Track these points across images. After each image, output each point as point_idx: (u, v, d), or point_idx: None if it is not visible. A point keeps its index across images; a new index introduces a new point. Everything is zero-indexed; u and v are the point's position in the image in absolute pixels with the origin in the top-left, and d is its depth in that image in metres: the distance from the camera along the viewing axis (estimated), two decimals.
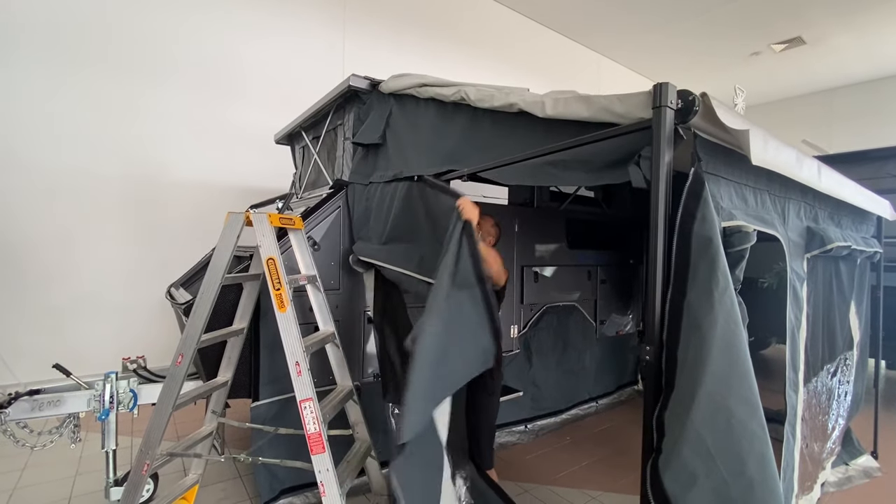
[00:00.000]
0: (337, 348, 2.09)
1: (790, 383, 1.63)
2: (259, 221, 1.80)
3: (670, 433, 0.97)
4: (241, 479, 2.45)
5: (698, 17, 6.28)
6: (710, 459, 0.93)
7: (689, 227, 1.03)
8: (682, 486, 0.93)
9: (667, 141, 1.04)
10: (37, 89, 3.28)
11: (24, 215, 3.25)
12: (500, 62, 6.15)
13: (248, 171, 4.21)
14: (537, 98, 1.44)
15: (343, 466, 1.85)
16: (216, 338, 1.93)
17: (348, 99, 2.47)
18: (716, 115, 1.04)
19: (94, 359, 3.09)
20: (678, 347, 1.00)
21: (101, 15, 3.51)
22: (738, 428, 0.94)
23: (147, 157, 3.73)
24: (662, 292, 1.06)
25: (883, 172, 4.12)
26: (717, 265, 0.99)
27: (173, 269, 3.06)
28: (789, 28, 6.52)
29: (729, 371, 0.95)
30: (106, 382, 1.97)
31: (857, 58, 7.38)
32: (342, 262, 2.37)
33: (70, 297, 3.41)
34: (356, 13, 4.88)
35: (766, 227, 1.41)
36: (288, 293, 1.73)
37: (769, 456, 0.96)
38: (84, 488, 2.34)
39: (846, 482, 2.48)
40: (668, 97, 1.02)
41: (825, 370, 2.20)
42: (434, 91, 1.92)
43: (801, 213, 1.78)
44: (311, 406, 1.65)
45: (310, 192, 3.01)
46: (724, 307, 0.97)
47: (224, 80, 4.09)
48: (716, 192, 1.21)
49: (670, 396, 1.00)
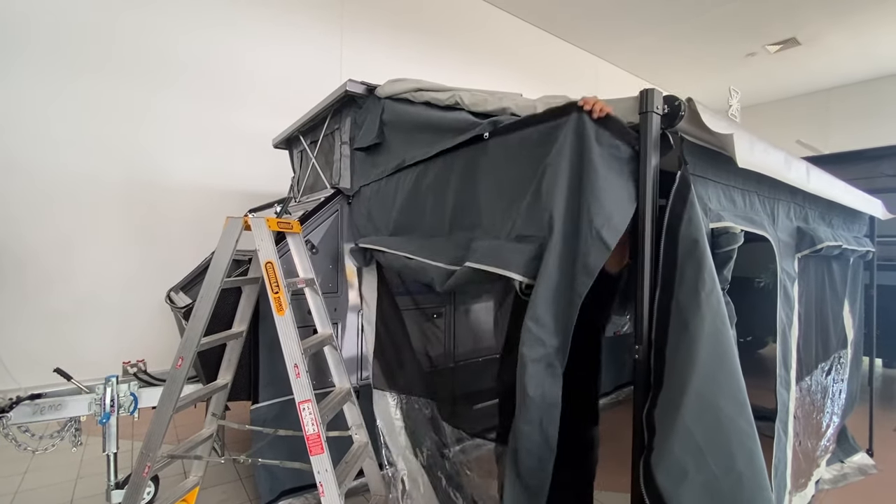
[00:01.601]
0: (335, 350, 2.11)
1: (781, 381, 1.66)
2: (257, 226, 1.82)
3: (661, 430, 0.99)
4: (242, 482, 2.47)
5: (693, 19, 6.32)
6: (699, 455, 0.95)
7: (676, 229, 1.06)
8: (673, 481, 0.96)
9: (653, 145, 1.06)
10: (37, 94, 3.31)
11: (24, 220, 3.28)
12: (497, 66, 6.18)
13: (247, 176, 4.24)
14: (529, 102, 1.46)
15: (342, 467, 1.86)
16: (216, 341, 1.95)
17: (345, 104, 2.50)
18: (701, 120, 1.07)
19: (94, 363, 3.10)
20: (667, 347, 1.02)
21: (100, 20, 3.54)
22: (726, 424, 0.96)
23: (147, 162, 3.76)
24: (651, 293, 1.08)
25: (878, 172, 4.14)
26: (704, 266, 1.01)
27: (173, 273, 3.09)
28: (783, 29, 6.57)
29: (717, 369, 0.98)
30: (107, 386, 1.99)
31: (851, 58, 7.43)
32: (340, 265, 2.40)
33: (70, 301, 3.43)
34: (353, 20, 4.91)
35: (755, 228, 1.43)
36: (286, 296, 1.75)
37: (757, 451, 0.98)
38: (85, 492, 2.36)
39: (841, 479, 2.50)
40: (655, 103, 1.05)
41: (819, 368, 2.22)
42: (429, 95, 1.95)
43: (791, 213, 1.81)
44: (310, 408, 1.68)
45: (308, 196, 3.04)
46: (711, 307, 0.99)
47: (223, 85, 4.12)
48: (704, 194, 1.24)
49: (659, 394, 1.03)
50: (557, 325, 1.13)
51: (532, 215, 1.23)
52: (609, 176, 1.08)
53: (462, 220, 1.60)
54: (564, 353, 1.14)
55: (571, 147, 1.14)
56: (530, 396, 1.11)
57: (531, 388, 1.11)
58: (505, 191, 1.39)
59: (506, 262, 1.23)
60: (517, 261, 1.20)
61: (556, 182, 1.14)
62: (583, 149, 1.12)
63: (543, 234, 1.17)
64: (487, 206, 1.46)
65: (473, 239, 1.47)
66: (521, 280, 1.18)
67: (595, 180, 1.08)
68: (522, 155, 1.31)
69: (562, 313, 1.12)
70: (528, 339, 1.12)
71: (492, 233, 1.42)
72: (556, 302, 1.12)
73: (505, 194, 1.38)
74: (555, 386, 1.14)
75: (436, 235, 1.75)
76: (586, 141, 1.11)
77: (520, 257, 1.20)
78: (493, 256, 1.29)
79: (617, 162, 1.09)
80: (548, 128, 1.24)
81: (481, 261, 1.32)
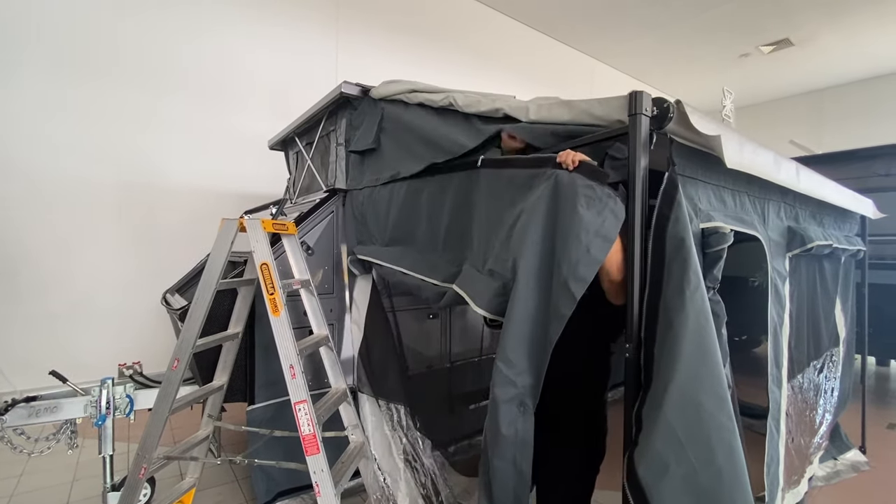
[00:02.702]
0: (331, 351, 2.12)
1: (773, 379, 1.67)
2: (253, 227, 1.83)
3: (645, 426, 1.01)
4: (238, 483, 2.48)
5: (688, 21, 6.36)
6: (680, 449, 0.97)
7: (664, 229, 1.08)
8: (654, 475, 0.98)
9: (643, 147, 1.08)
10: (35, 97, 3.30)
11: (20, 223, 3.27)
12: (493, 69, 6.20)
13: (243, 177, 4.24)
14: (521, 104, 1.48)
15: (338, 467, 1.87)
16: (211, 342, 1.95)
17: (340, 105, 2.51)
18: (689, 122, 1.08)
19: (90, 365, 3.08)
20: (654, 345, 1.04)
21: (99, 24, 3.53)
22: (707, 419, 0.97)
23: (143, 164, 3.75)
24: (640, 292, 1.10)
25: (870, 172, 4.17)
26: (689, 265, 1.03)
27: (169, 274, 3.09)
28: (777, 30, 6.61)
29: (699, 365, 0.99)
30: (102, 388, 1.99)
31: (844, 58, 7.48)
32: (335, 266, 2.40)
33: (66, 303, 3.42)
34: (349, 22, 4.92)
35: (746, 228, 1.45)
36: (282, 298, 1.76)
37: (737, 446, 1.00)
38: (82, 494, 2.36)
39: (834, 476, 2.53)
40: (644, 105, 1.07)
41: (811, 366, 2.24)
42: (423, 97, 1.96)
43: (782, 213, 1.82)
44: (306, 408, 1.68)
45: (303, 198, 3.05)
46: (695, 305, 1.01)
47: (220, 87, 4.12)
48: (694, 194, 1.26)
49: (647, 393, 1.04)
50: (530, 366, 1.15)
51: (501, 255, 1.27)
52: (581, 221, 1.08)
53: (454, 240, 1.64)
54: (537, 392, 1.17)
55: (547, 198, 1.16)
56: (503, 435, 1.14)
57: (504, 427, 1.14)
58: (487, 222, 1.43)
59: (476, 292, 1.30)
60: (484, 294, 1.26)
61: (528, 230, 1.16)
62: (557, 201, 1.15)
63: (508, 276, 1.21)
64: (475, 233, 1.50)
65: (464, 260, 1.53)
66: (483, 314, 1.24)
67: (565, 232, 1.10)
68: (507, 193, 1.35)
69: (534, 356, 1.15)
70: (500, 381, 1.15)
71: (473, 260, 1.47)
72: (528, 345, 1.15)
73: (486, 226, 1.42)
74: (527, 423, 1.16)
75: (430, 251, 1.78)
76: (560, 193, 1.14)
77: (486, 291, 1.26)
78: (469, 284, 1.36)
79: (594, 203, 1.10)
80: (529, 174, 1.27)
81: (461, 285, 1.39)
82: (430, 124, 1.87)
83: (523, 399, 1.15)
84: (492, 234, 1.36)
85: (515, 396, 1.15)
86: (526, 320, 1.14)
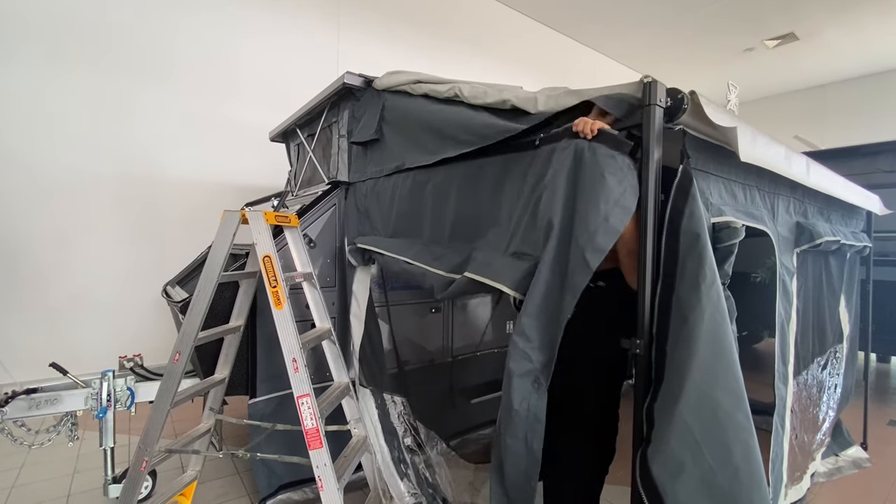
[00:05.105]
0: (333, 345, 2.11)
1: (779, 375, 1.66)
2: (255, 219, 1.81)
3: (659, 424, 0.99)
4: (240, 476, 2.47)
5: (692, 14, 6.30)
6: (696, 448, 0.95)
7: (678, 223, 1.05)
8: (669, 474, 0.96)
9: (656, 139, 1.05)
10: (31, 88, 3.26)
11: (19, 214, 3.24)
12: (496, 60, 6.14)
13: (244, 169, 4.20)
14: (530, 94, 1.45)
15: (341, 461, 1.86)
16: (213, 335, 1.94)
17: (343, 96, 2.47)
18: (704, 113, 1.06)
19: (90, 357, 3.08)
20: (667, 341, 1.02)
21: (96, 14, 3.48)
22: (723, 418, 0.96)
23: (143, 156, 3.72)
24: (652, 287, 1.08)
25: (874, 168, 4.15)
26: (705, 260, 1.01)
27: (169, 267, 3.06)
28: (782, 24, 6.55)
29: (715, 363, 0.97)
30: (103, 381, 1.98)
31: (849, 53, 7.42)
32: (338, 259, 2.38)
33: (66, 295, 3.40)
34: (351, 10, 4.87)
35: (756, 223, 1.43)
36: (284, 290, 1.74)
37: (754, 445, 0.98)
38: (82, 486, 2.35)
39: (836, 472, 2.53)
40: (658, 95, 1.04)
41: (816, 363, 2.23)
42: (428, 87, 1.93)
43: (791, 208, 1.80)
44: (309, 402, 1.67)
45: (305, 190, 3.02)
46: (711, 301, 0.99)
47: (220, 78, 4.07)
48: (705, 188, 1.23)
49: (660, 388, 1.03)
50: (543, 341, 1.14)
51: (528, 235, 1.25)
52: (605, 189, 1.05)
53: (463, 230, 1.61)
54: (549, 370, 1.15)
55: (567, 170, 1.13)
56: (515, 410, 1.12)
57: (517, 402, 1.12)
58: (506, 206, 1.40)
59: (501, 275, 1.27)
60: (511, 276, 1.23)
61: (552, 205, 1.14)
62: (577, 170, 1.11)
63: (538, 254, 1.18)
64: (488, 219, 1.47)
65: (475, 249, 1.49)
66: (513, 294, 1.21)
67: (585, 201, 1.08)
68: (524, 173, 1.32)
69: (548, 331, 1.13)
70: (515, 354, 1.13)
71: (491, 246, 1.44)
72: (544, 319, 1.13)
73: (505, 210, 1.40)
74: (540, 401, 1.15)
75: (436, 242, 1.75)
76: (581, 163, 1.11)
77: (514, 273, 1.22)
78: (490, 269, 1.32)
79: (615, 172, 1.07)
80: (546, 151, 1.24)
81: (478, 271, 1.35)
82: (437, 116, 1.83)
83: (537, 375, 1.13)
84: (513, 218, 1.34)
85: (530, 371, 1.13)
86: (542, 293, 1.12)
